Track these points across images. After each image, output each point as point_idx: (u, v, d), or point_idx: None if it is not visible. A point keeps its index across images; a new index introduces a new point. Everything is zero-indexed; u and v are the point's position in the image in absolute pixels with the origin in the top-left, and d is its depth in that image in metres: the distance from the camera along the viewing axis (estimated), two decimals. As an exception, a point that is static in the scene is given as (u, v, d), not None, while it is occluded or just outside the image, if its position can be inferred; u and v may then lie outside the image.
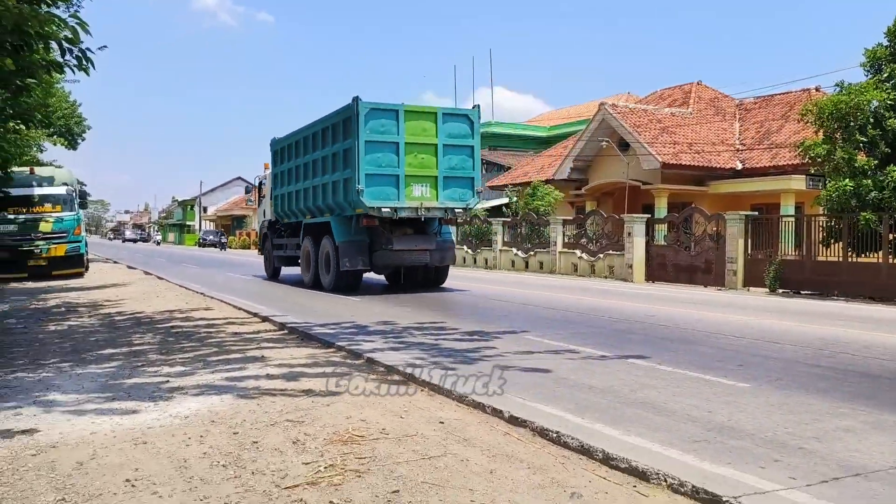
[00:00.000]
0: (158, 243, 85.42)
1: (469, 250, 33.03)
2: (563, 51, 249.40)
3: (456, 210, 16.33)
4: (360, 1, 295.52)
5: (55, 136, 33.09)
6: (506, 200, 34.38)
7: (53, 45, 6.72)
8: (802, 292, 17.99)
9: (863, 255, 17.23)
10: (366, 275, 17.38)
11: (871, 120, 17.80)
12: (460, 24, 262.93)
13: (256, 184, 25.05)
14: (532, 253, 28.70)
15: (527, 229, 29.57)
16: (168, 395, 6.35)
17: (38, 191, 21.70)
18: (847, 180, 17.26)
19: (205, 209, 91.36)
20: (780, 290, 18.38)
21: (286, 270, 22.25)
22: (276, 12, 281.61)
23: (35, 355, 8.49)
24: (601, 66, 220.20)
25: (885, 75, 18.16)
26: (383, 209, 15.39)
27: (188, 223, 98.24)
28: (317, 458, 4.59)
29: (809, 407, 6.00)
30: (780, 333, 10.47)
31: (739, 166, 27.40)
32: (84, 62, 6.73)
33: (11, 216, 21.23)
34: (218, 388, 6.58)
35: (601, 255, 25.00)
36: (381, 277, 18.92)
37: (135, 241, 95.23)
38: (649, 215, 24.81)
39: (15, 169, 20.01)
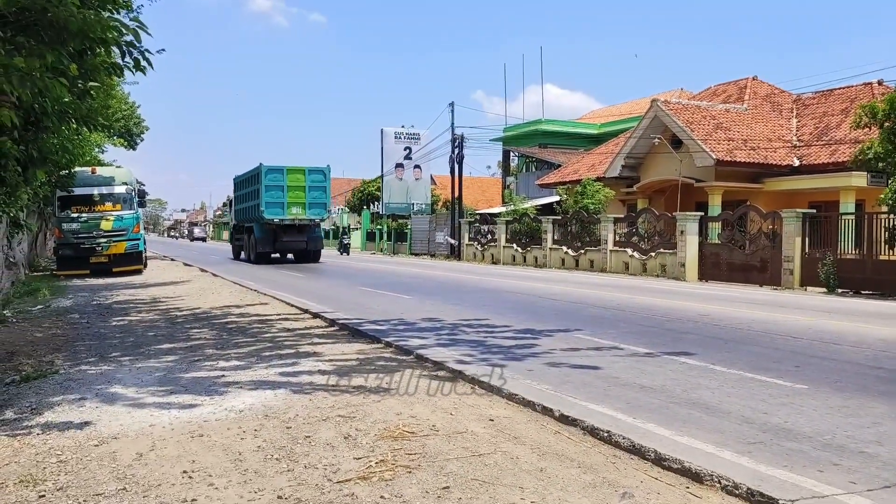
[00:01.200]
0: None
1: (519, 248, 32.90)
2: (615, 48, 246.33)
3: (315, 220, 29.56)
4: (410, 1, 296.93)
5: (115, 138, 34.04)
6: (556, 199, 34.16)
7: (114, 49, 6.93)
8: (863, 292, 17.46)
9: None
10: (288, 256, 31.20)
11: None
12: (511, 23, 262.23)
13: (227, 201, 42.33)
14: (582, 251, 28.45)
15: (577, 227, 29.32)
16: (224, 389, 6.50)
17: (99, 190, 22.38)
18: None
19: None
20: (840, 290, 17.87)
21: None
22: (329, 13, 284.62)
23: (97, 349, 8.77)
24: (653, 63, 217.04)
25: None
26: (275, 220, 28.46)
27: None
28: (368, 454, 4.65)
29: (870, 410, 5.84)
30: (839, 334, 10.19)
31: (797, 163, 26.69)
32: (142, 63, 6.91)
33: (74, 215, 21.94)
34: (272, 383, 6.71)
35: (653, 254, 24.66)
36: (291, 256, 31.36)
37: (203, 239, 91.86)
38: (702, 213, 24.36)
39: (77, 169, 20.67)
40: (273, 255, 30.15)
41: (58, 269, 22.68)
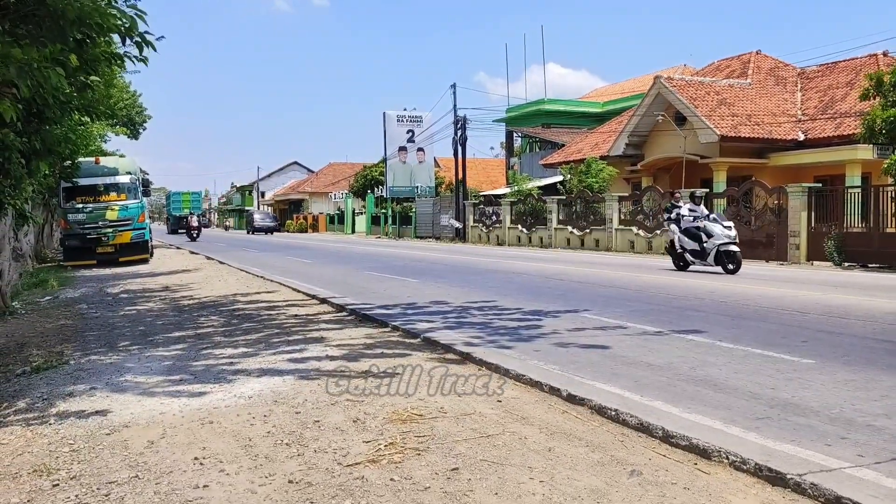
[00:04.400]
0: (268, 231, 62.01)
1: (524, 229, 32.87)
2: (617, 25, 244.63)
3: (196, 214, 50.94)
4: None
5: (118, 127, 34.00)
6: (559, 178, 34.08)
7: (114, 37, 6.91)
8: (870, 266, 17.42)
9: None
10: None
11: None
12: (511, 2, 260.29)
13: (167, 202, 74.92)
14: (587, 231, 28.42)
15: (582, 207, 29.28)
16: (232, 376, 6.53)
17: (103, 180, 22.36)
18: None
19: (262, 194, 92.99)
20: (846, 264, 17.83)
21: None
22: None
23: (107, 339, 8.82)
24: (656, 39, 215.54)
25: None
26: (177, 214, 63.13)
27: (247, 208, 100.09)
28: (377, 437, 4.67)
29: (878, 383, 5.84)
30: (847, 308, 10.17)
31: (801, 137, 26.54)
32: (143, 48, 6.86)
33: (80, 205, 21.97)
34: (280, 369, 6.74)
35: (658, 232, 24.61)
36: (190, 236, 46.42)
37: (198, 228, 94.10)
38: (708, 190, 24.29)
39: (81, 160, 20.67)
40: (180, 231, 54.59)
41: (65, 259, 22.73)
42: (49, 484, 4.03)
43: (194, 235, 44.63)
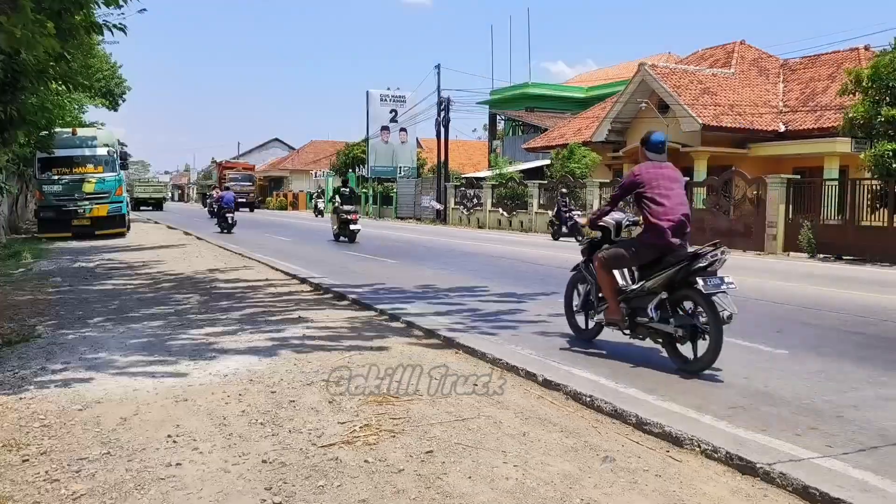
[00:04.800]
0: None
1: (505, 213, 32.87)
2: (602, 10, 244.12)
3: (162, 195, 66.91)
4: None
5: (96, 98, 33.47)
6: (542, 163, 34.07)
7: (93, 7, 6.79)
8: (844, 258, 17.64)
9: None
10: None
11: None
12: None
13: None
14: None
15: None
16: (208, 354, 6.49)
17: (80, 152, 22.05)
18: (888, 143, 16.75)
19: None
20: (821, 256, 18.04)
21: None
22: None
23: (81, 314, 8.72)
24: (641, 26, 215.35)
25: None
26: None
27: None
28: (352, 418, 4.67)
29: (849, 375, 5.92)
30: (821, 300, 10.30)
31: (782, 128, 26.69)
32: (119, 25, 6.77)
33: (56, 177, 21.65)
34: (257, 348, 6.71)
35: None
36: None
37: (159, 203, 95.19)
38: (688, 178, 24.38)
39: (58, 130, 20.34)
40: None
41: (39, 231, 22.43)
42: (19, 459, 3.99)
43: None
